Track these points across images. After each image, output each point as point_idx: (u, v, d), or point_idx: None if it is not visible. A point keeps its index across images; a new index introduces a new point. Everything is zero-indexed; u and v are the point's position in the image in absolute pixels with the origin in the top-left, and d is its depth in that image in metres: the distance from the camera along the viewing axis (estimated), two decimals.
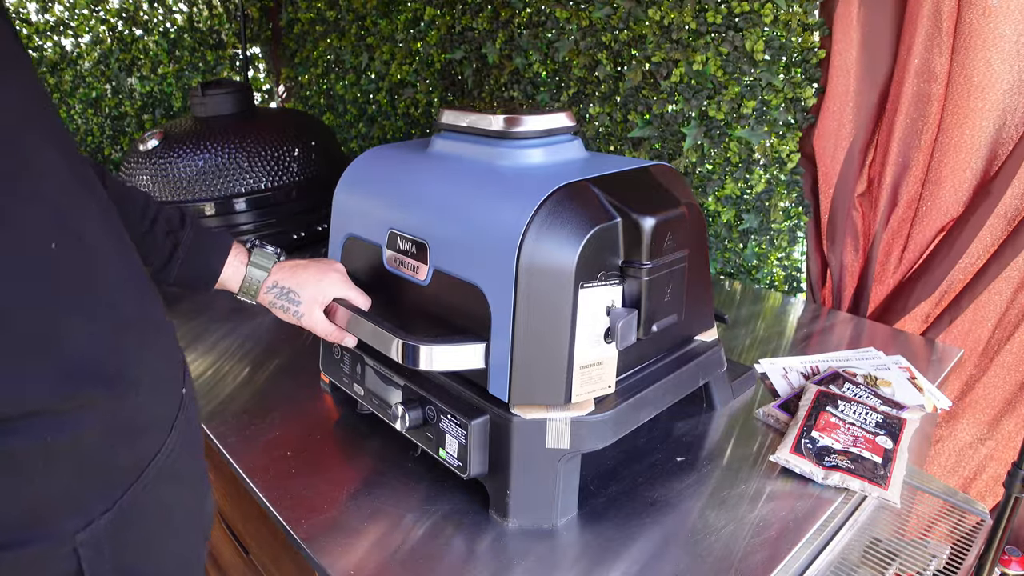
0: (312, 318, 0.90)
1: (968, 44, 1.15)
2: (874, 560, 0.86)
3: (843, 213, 1.39)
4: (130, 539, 0.56)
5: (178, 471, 0.62)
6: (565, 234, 0.74)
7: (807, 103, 1.39)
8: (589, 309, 0.76)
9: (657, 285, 0.79)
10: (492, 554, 0.81)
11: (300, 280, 0.90)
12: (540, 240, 0.74)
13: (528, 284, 0.75)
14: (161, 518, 0.61)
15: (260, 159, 1.71)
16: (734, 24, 1.42)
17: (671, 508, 0.87)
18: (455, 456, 0.84)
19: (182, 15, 2.59)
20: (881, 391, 1.07)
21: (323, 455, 0.98)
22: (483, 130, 0.89)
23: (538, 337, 0.76)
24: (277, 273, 0.90)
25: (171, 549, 0.63)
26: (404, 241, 0.89)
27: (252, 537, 1.12)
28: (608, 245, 0.77)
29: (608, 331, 0.78)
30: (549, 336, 0.76)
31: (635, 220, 0.77)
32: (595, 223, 0.75)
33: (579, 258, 0.74)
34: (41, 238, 0.47)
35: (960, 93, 1.19)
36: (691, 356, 0.95)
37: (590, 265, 0.76)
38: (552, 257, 0.74)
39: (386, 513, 0.87)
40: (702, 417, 1.06)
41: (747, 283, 1.61)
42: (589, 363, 0.78)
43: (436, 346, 0.78)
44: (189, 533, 0.67)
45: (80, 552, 0.51)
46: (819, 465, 0.90)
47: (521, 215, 0.75)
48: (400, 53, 2.29)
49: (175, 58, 2.57)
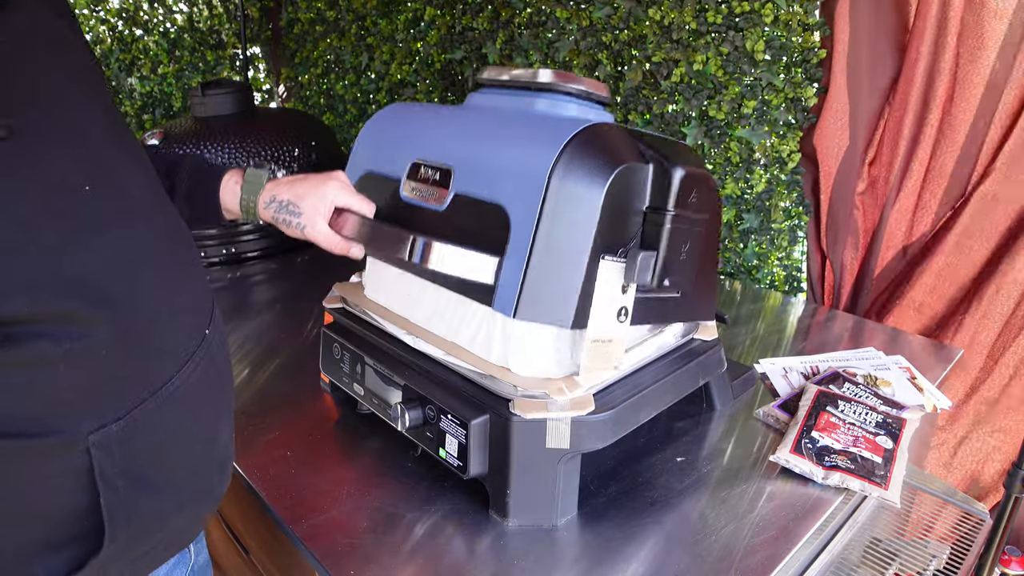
0: (315, 229, 0.88)
1: (974, 43, 1.15)
2: (874, 560, 0.86)
3: (844, 212, 1.39)
4: (139, 448, 0.62)
5: (192, 402, 0.67)
6: (601, 161, 0.75)
7: (808, 103, 1.39)
8: (607, 283, 0.77)
9: (676, 236, 0.80)
10: (492, 554, 0.81)
11: (298, 192, 0.88)
12: (574, 163, 0.75)
13: (555, 203, 0.75)
14: (170, 436, 0.66)
15: (260, 159, 1.71)
16: (734, 24, 1.42)
17: (671, 508, 0.87)
18: (455, 456, 0.84)
19: (182, 15, 2.59)
20: (881, 391, 1.07)
21: (323, 455, 0.98)
22: (527, 82, 0.89)
23: (557, 254, 0.75)
24: (274, 188, 0.89)
25: (180, 464, 0.68)
26: (428, 170, 0.88)
27: (252, 537, 1.12)
28: (637, 186, 0.79)
29: (622, 309, 0.79)
30: (567, 255, 0.75)
31: (666, 168, 0.79)
32: (630, 158, 0.78)
33: (611, 185, 0.75)
34: (76, 180, 0.57)
35: (963, 91, 1.19)
36: (691, 356, 0.95)
37: (619, 197, 0.77)
38: (584, 179, 0.75)
39: (386, 513, 0.87)
40: (702, 417, 1.06)
41: (747, 283, 1.61)
42: (601, 338, 0.78)
43: (449, 245, 0.77)
44: (199, 458, 0.71)
45: (92, 452, 0.58)
46: (819, 465, 0.90)
47: (558, 139, 0.76)
48: (400, 53, 2.29)
49: (175, 58, 2.57)
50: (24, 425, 0.56)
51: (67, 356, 0.56)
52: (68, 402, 0.57)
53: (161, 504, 0.66)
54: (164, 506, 0.67)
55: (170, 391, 0.64)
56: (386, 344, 0.96)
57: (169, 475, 0.67)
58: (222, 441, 0.74)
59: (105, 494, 0.60)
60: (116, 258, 0.60)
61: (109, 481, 0.60)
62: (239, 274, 1.69)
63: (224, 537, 1.22)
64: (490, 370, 0.84)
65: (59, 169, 0.56)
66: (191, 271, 0.71)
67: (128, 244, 0.61)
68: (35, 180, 0.55)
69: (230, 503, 1.14)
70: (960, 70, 1.18)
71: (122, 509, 0.61)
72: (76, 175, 0.57)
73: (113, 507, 0.60)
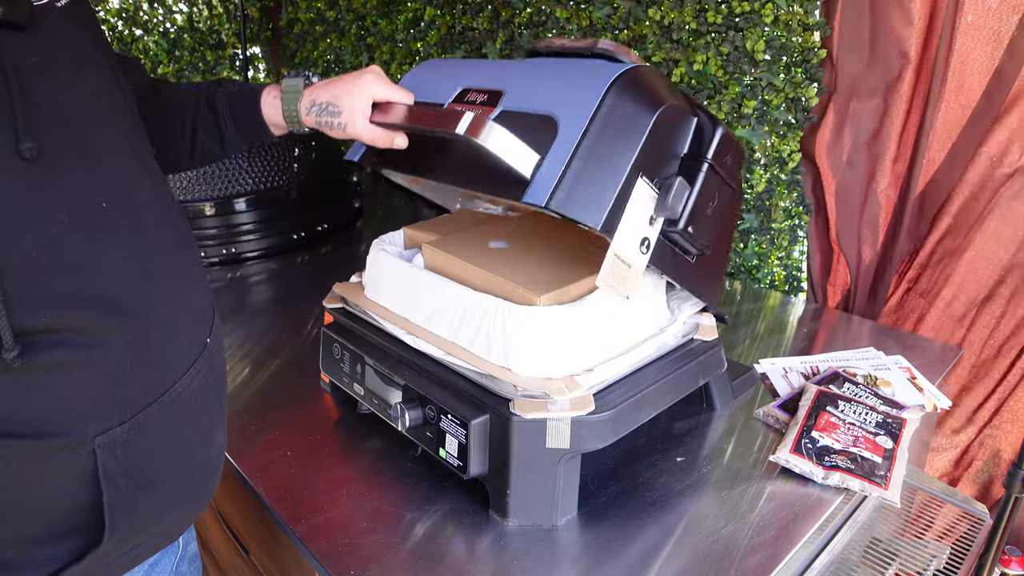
0: (356, 126, 0.88)
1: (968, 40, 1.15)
2: (874, 560, 0.86)
3: (848, 213, 1.39)
4: (141, 450, 0.65)
5: (192, 408, 0.70)
6: (659, 91, 0.80)
7: (808, 103, 1.39)
8: (638, 203, 0.79)
9: (708, 186, 0.84)
10: (492, 554, 0.81)
11: (336, 92, 0.88)
12: (635, 84, 0.79)
13: (608, 113, 0.77)
14: (171, 439, 0.69)
15: (260, 159, 1.71)
16: (734, 24, 1.42)
17: (671, 508, 0.87)
18: (455, 456, 0.84)
19: (182, 15, 2.59)
20: (881, 391, 1.07)
21: (323, 455, 0.98)
22: (580, 49, 0.89)
23: (599, 159, 0.77)
24: (312, 93, 0.89)
25: (177, 465, 0.71)
26: (476, 94, 0.89)
27: (252, 537, 1.12)
28: (681, 130, 0.83)
29: (645, 240, 0.81)
30: (609, 162, 0.77)
31: (710, 123, 0.84)
32: (683, 103, 0.83)
33: (663, 112, 0.79)
34: (97, 197, 0.60)
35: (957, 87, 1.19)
36: (691, 356, 0.95)
37: (665, 130, 0.80)
38: (641, 99, 0.79)
39: (386, 513, 0.87)
40: (702, 417, 1.06)
41: (747, 283, 1.61)
42: (623, 257, 0.80)
43: (499, 126, 0.77)
44: (195, 460, 0.74)
45: (97, 453, 0.61)
46: (819, 465, 0.90)
47: (623, 67, 0.80)
48: (400, 53, 2.29)
49: (175, 58, 2.57)
50: (34, 427, 0.59)
51: (80, 363, 0.59)
52: (77, 406, 0.60)
53: (158, 502, 0.69)
54: (160, 503, 0.70)
55: (172, 397, 0.67)
56: (386, 344, 0.96)
57: (167, 475, 0.70)
58: (216, 444, 0.78)
59: (107, 492, 0.63)
60: (130, 269, 0.63)
61: (112, 480, 0.63)
62: (239, 274, 1.69)
63: (224, 537, 1.22)
64: (490, 370, 0.84)
65: (81, 188, 0.59)
66: (193, 272, 0.74)
67: (139, 253, 0.64)
68: (61, 200, 0.58)
69: (230, 503, 1.14)
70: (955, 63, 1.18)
71: (122, 506, 0.64)
72: (97, 192, 0.61)
73: (114, 504, 0.63)
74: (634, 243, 0.80)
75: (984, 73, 1.17)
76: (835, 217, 1.42)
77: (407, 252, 1.09)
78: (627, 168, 0.77)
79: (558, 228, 1.08)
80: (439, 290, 0.91)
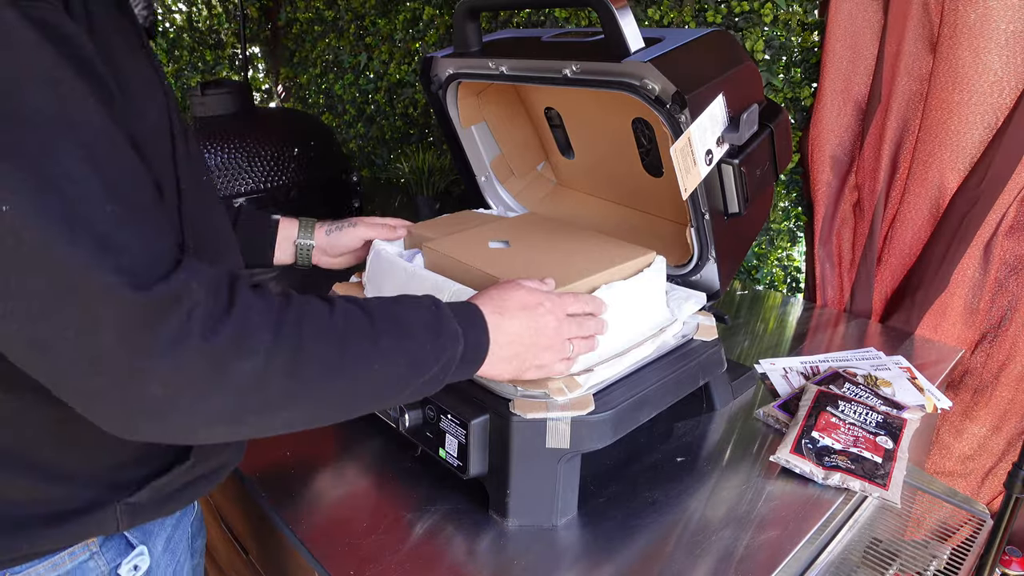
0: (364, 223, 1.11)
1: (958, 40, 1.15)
2: (874, 560, 0.86)
3: (838, 213, 1.39)
4: None
5: None
6: (744, 51, 0.93)
7: (806, 103, 1.39)
8: (712, 115, 0.85)
9: (763, 149, 0.93)
10: (492, 554, 0.80)
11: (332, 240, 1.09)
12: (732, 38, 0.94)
13: (711, 40, 0.91)
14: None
15: (260, 159, 1.70)
16: (734, 24, 1.41)
17: (671, 508, 0.87)
18: (455, 456, 0.84)
19: (181, 15, 2.59)
20: (881, 391, 1.07)
21: (323, 455, 0.98)
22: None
23: (698, 57, 0.88)
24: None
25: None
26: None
27: (252, 537, 1.12)
28: (755, 90, 0.93)
29: (709, 152, 0.87)
30: (705, 67, 0.88)
31: (777, 104, 0.97)
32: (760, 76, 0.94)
33: (751, 64, 0.92)
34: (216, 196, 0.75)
35: (947, 89, 1.18)
36: (691, 356, 0.95)
37: (746, 79, 0.91)
38: (736, 45, 0.94)
39: (386, 513, 0.87)
40: (702, 417, 1.06)
41: (747, 283, 1.61)
42: (694, 144, 0.85)
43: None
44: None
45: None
46: (819, 465, 0.90)
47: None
48: (399, 53, 2.29)
49: (174, 58, 2.57)
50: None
51: None
52: None
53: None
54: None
55: None
56: None
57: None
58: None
59: None
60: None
61: None
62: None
63: (224, 538, 1.22)
64: None
65: (210, 181, 0.75)
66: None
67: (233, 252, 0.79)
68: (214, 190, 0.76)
69: (230, 504, 1.13)
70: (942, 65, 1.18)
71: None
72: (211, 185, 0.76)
73: None
74: (704, 142, 0.86)
75: (970, 76, 1.17)
76: (819, 218, 1.42)
77: (407, 252, 1.09)
78: (719, 76, 0.86)
79: (558, 228, 1.08)
80: (439, 290, 0.91)
